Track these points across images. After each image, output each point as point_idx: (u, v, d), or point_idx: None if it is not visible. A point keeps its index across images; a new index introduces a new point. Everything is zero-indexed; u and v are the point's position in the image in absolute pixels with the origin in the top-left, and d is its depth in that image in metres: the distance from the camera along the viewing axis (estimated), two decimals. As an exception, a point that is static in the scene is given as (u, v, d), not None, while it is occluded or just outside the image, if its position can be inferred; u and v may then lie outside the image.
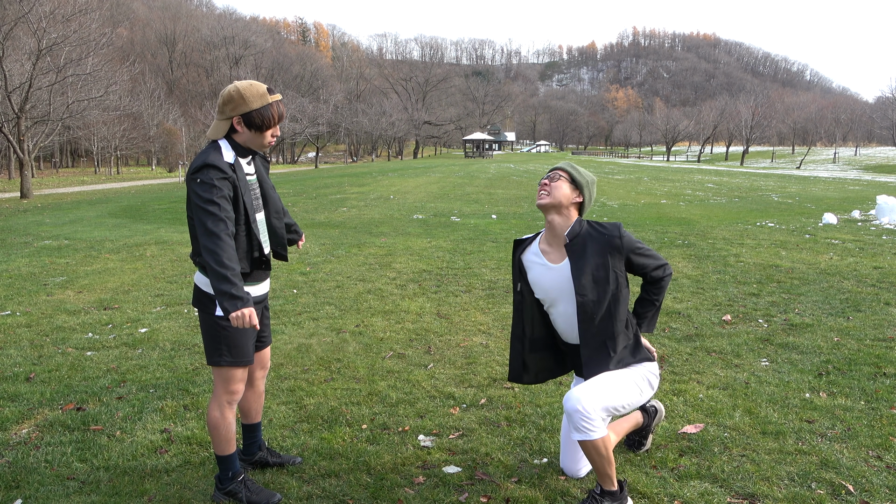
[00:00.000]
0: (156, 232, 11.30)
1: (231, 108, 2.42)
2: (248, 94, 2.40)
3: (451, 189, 22.65)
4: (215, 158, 2.38)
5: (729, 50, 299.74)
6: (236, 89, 2.41)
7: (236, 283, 2.28)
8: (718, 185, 27.07)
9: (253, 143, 2.49)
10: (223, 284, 2.26)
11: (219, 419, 2.57)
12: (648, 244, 9.51)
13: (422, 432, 3.28)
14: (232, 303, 2.26)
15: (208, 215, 2.30)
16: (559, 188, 2.59)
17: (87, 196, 23.20)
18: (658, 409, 3.06)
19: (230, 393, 2.57)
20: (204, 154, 2.41)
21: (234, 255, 2.31)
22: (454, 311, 5.73)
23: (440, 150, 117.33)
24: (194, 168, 2.37)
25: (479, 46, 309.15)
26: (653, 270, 2.64)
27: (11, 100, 22.47)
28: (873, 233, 10.80)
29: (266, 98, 2.43)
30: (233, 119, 2.43)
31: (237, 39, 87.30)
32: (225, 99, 2.42)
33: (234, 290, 2.26)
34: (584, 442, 2.42)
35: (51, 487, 2.74)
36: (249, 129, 2.44)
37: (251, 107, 2.41)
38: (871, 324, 5.21)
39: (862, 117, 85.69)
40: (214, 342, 2.50)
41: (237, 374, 2.56)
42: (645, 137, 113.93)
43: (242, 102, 2.40)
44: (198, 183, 2.34)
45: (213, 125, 2.49)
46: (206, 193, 2.32)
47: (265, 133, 2.47)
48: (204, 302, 2.51)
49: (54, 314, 5.62)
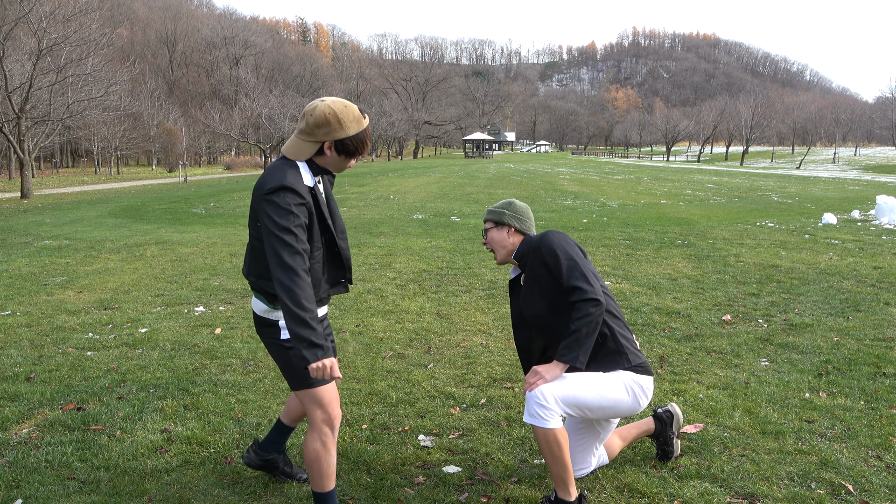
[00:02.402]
0: (156, 232, 11.30)
1: (325, 132, 2.20)
2: (346, 119, 2.19)
3: (451, 189, 22.66)
4: (294, 181, 2.16)
5: (729, 50, 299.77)
6: (333, 113, 2.18)
7: (316, 330, 2.07)
8: (718, 185, 27.07)
9: (336, 166, 2.30)
10: (303, 330, 2.06)
11: (320, 451, 2.33)
12: (648, 244, 9.52)
13: (422, 432, 3.29)
14: (312, 352, 2.06)
15: (284, 246, 2.09)
16: (493, 240, 2.71)
17: (87, 196, 23.20)
18: (674, 414, 2.95)
19: (330, 419, 2.33)
20: (280, 172, 2.17)
21: (311, 294, 2.11)
22: (454, 311, 5.74)
23: (440, 150, 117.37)
24: (271, 188, 2.13)
25: (479, 46, 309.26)
26: (568, 293, 2.45)
27: (12, 100, 22.46)
28: (873, 233, 10.80)
29: (361, 123, 2.23)
30: (324, 144, 2.23)
31: (237, 39, 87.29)
32: (319, 121, 2.19)
33: (314, 338, 2.06)
34: (535, 430, 2.41)
35: (51, 487, 2.74)
36: (339, 154, 2.25)
37: (348, 133, 2.21)
38: (871, 324, 5.21)
39: (862, 117, 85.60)
40: (291, 367, 2.30)
41: (329, 393, 2.33)
42: (645, 137, 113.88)
43: (339, 128, 2.19)
44: (273, 206, 2.11)
45: (295, 144, 2.25)
46: (282, 220, 2.10)
47: (351, 160, 2.29)
48: (266, 329, 2.35)
49: (54, 314, 5.63)
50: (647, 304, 5.96)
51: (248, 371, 4.19)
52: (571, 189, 23.09)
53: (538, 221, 12.72)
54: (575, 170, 42.82)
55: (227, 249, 9.22)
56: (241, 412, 3.53)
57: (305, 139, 2.24)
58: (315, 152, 2.24)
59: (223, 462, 2.96)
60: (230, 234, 10.92)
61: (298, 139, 2.25)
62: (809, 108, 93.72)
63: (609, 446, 2.88)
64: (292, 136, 2.29)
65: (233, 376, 4.08)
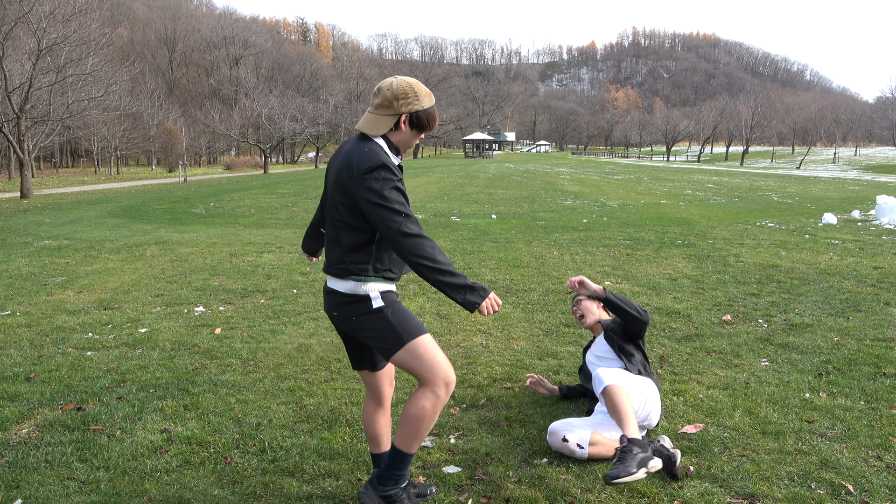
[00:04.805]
0: (156, 232, 11.30)
1: (404, 104, 2.27)
2: (421, 93, 2.29)
3: (451, 189, 22.66)
4: (387, 159, 2.23)
5: (729, 50, 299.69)
6: (409, 85, 2.28)
7: (463, 276, 2.22)
8: (718, 185, 27.07)
9: (407, 143, 2.36)
10: (453, 279, 2.19)
11: (427, 411, 2.31)
12: (648, 244, 9.53)
13: (422, 432, 3.28)
14: (476, 294, 2.20)
15: (398, 215, 2.16)
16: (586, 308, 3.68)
17: (87, 196, 23.20)
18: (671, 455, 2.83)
19: (443, 370, 2.32)
20: (373, 153, 2.24)
21: (439, 248, 2.22)
22: (454, 311, 5.73)
23: (440, 150, 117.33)
24: (370, 167, 2.19)
25: (479, 46, 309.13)
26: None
27: (11, 100, 22.43)
28: (873, 233, 10.80)
29: (432, 98, 2.35)
30: (401, 116, 2.29)
31: (237, 39, 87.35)
32: (398, 93, 2.27)
33: (467, 282, 2.20)
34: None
35: (51, 487, 2.73)
36: (412, 128, 2.33)
37: (423, 105, 2.30)
38: (871, 324, 5.21)
39: (862, 117, 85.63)
40: (385, 332, 2.31)
41: (431, 344, 2.34)
42: (645, 137, 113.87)
43: (416, 100, 2.28)
44: (380, 182, 2.18)
45: (373, 119, 2.31)
46: (391, 194, 2.18)
47: (422, 134, 2.36)
48: (354, 307, 2.33)
49: (54, 314, 5.62)
50: (647, 304, 5.95)
51: (247, 371, 4.19)
52: (571, 189, 23.09)
53: (538, 221, 12.72)
54: (575, 170, 42.83)
55: (227, 249, 9.22)
56: (241, 412, 3.53)
57: (384, 113, 2.30)
58: (391, 127, 2.31)
59: (223, 462, 2.96)
60: (230, 234, 10.92)
61: (375, 115, 2.31)
62: (809, 108, 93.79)
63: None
64: (366, 113, 2.35)
65: (233, 376, 4.08)
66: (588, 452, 2.93)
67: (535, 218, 13.37)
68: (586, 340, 4.87)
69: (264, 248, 9.39)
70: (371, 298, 2.32)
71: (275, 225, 12.43)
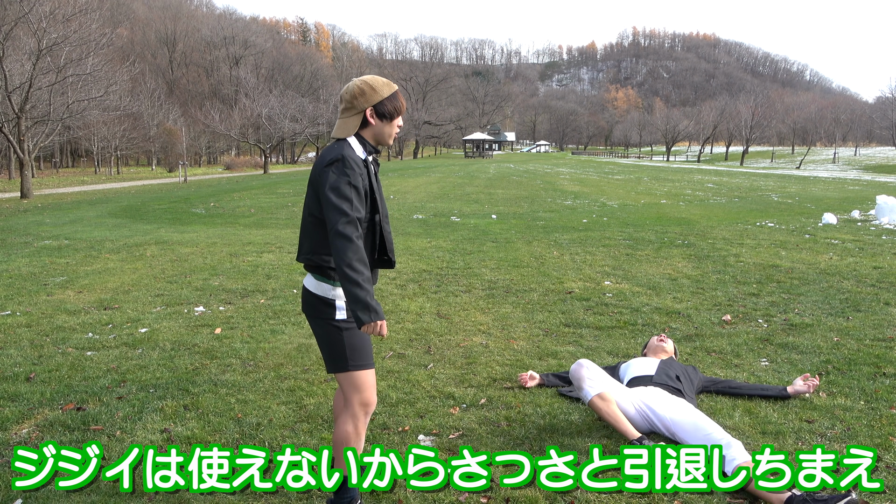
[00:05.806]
0: (156, 232, 11.30)
1: (364, 100, 2.37)
2: (376, 84, 2.39)
3: (451, 189, 22.67)
4: (350, 153, 2.31)
5: (729, 50, 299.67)
6: (363, 81, 2.39)
7: (369, 290, 2.20)
8: (718, 185, 27.07)
9: (382, 135, 2.44)
10: (357, 290, 2.18)
11: (351, 434, 2.41)
12: (648, 244, 9.53)
13: (422, 432, 3.29)
14: (367, 314, 2.19)
15: (340, 214, 2.22)
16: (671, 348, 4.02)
17: (87, 196, 23.20)
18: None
19: (365, 403, 2.42)
20: (337, 148, 2.33)
21: (365, 258, 2.23)
22: (454, 311, 5.73)
23: (440, 150, 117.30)
24: (329, 161, 2.29)
25: (479, 46, 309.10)
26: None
27: (11, 100, 22.43)
28: (873, 233, 10.80)
29: (392, 86, 2.43)
30: (366, 111, 2.38)
31: (237, 39, 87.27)
32: (355, 93, 2.38)
33: (368, 299, 2.19)
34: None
35: (51, 487, 2.73)
36: (381, 119, 2.41)
37: (382, 95, 2.39)
38: (871, 324, 5.21)
39: (862, 117, 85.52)
40: (336, 348, 2.38)
41: (367, 379, 2.41)
42: (645, 137, 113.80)
43: (374, 93, 2.38)
44: (332, 175, 2.26)
45: (341, 123, 2.42)
46: (342, 189, 2.25)
47: (393, 122, 2.44)
48: (320, 308, 2.39)
49: (54, 314, 5.63)
50: (647, 304, 5.96)
51: (247, 371, 4.19)
52: (571, 189, 23.10)
53: (538, 221, 12.72)
54: (575, 170, 42.83)
55: (227, 249, 9.22)
56: (241, 412, 3.53)
57: (349, 114, 2.41)
58: (360, 125, 2.40)
59: (223, 462, 2.96)
60: (230, 234, 10.92)
61: (343, 118, 2.42)
62: (809, 108, 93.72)
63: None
64: (337, 120, 2.45)
65: (233, 376, 4.08)
66: (591, 400, 3.15)
67: (535, 218, 13.37)
68: (585, 340, 4.87)
69: (264, 248, 9.39)
70: (336, 307, 2.38)
71: (275, 225, 12.43)
